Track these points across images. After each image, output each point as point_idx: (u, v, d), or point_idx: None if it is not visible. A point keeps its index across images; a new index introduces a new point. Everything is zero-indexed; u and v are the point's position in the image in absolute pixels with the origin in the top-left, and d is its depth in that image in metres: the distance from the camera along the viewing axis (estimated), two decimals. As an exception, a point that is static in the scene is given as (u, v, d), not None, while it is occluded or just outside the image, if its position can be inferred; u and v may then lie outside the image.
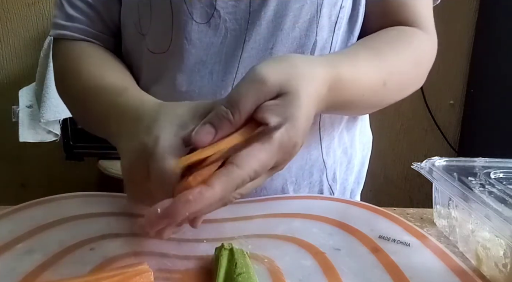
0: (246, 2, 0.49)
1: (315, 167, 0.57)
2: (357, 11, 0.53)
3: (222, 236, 0.43)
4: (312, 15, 0.50)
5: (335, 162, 0.59)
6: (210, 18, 0.50)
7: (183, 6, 0.49)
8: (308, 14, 0.50)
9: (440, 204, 0.49)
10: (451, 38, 1.65)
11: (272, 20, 0.49)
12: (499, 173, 0.47)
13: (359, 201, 0.52)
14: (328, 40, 0.52)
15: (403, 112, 1.74)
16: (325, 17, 0.51)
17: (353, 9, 0.53)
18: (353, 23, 0.54)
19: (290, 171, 0.55)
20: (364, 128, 0.64)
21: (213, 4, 0.49)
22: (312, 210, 0.49)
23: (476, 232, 0.41)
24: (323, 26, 0.51)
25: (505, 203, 0.39)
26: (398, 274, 0.37)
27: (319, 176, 0.57)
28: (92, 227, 0.44)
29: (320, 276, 0.37)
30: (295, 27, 0.50)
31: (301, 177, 0.56)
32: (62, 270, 0.37)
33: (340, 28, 0.52)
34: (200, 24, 0.50)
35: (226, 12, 0.49)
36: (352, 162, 0.61)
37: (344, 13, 0.52)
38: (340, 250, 0.41)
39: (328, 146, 0.57)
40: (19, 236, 0.42)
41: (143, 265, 0.35)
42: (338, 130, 0.58)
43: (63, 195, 0.51)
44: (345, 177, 0.61)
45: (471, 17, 1.65)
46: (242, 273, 0.34)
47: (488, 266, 0.39)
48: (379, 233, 0.44)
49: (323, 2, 0.50)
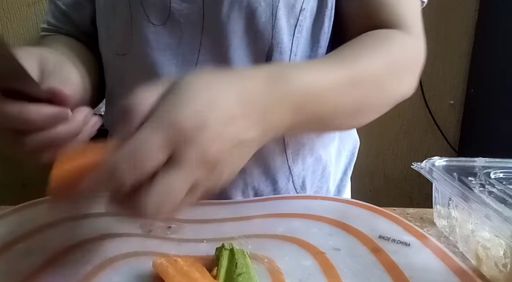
0: (199, 5, 0.48)
1: (280, 173, 0.56)
2: (322, 15, 0.51)
3: (222, 236, 0.43)
4: (267, 18, 0.48)
5: (304, 170, 0.57)
6: (166, 20, 0.49)
7: (140, 9, 0.49)
8: (262, 17, 0.48)
9: (440, 204, 0.49)
10: (451, 38, 1.65)
11: (226, 23, 0.48)
12: (499, 173, 0.47)
13: (359, 201, 0.52)
14: (288, 44, 0.50)
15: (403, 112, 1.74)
16: (283, 20, 0.49)
17: (318, 12, 0.51)
18: (318, 27, 0.52)
19: (252, 175, 0.55)
20: (347, 135, 0.63)
21: (168, 6, 0.49)
22: (312, 210, 0.49)
23: (476, 232, 0.41)
24: (280, 29, 0.49)
25: (505, 203, 0.39)
26: (398, 274, 0.37)
27: (285, 183, 0.56)
28: (92, 227, 0.44)
29: (320, 276, 0.37)
30: (249, 30, 0.49)
31: (263, 182, 0.55)
32: (62, 270, 0.37)
33: (301, 31, 0.51)
34: (157, 26, 0.50)
35: (181, 14, 0.49)
36: (327, 170, 0.60)
37: (306, 16, 0.50)
38: (340, 250, 0.41)
39: (295, 152, 0.56)
40: (19, 236, 0.42)
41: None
42: (308, 137, 0.56)
43: (63, 195, 0.51)
44: (319, 185, 0.60)
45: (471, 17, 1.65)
46: (243, 273, 0.34)
47: (488, 266, 0.39)
48: (379, 233, 0.44)
49: (279, 4, 0.48)
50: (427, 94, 1.68)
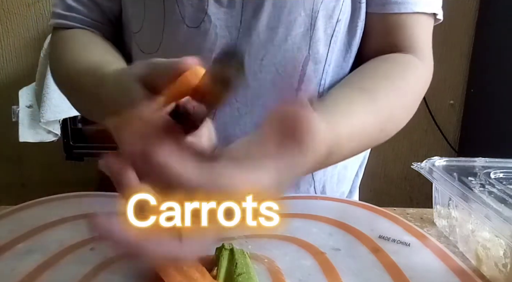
0: (238, 11, 0.48)
1: (303, 180, 0.56)
2: (355, 25, 0.52)
3: (222, 236, 0.43)
4: (306, 28, 0.49)
5: (325, 175, 0.58)
6: (200, 22, 0.49)
7: (176, 9, 0.48)
8: (301, 27, 0.48)
9: (440, 204, 0.49)
10: (451, 38, 1.65)
11: (264, 31, 0.48)
12: (499, 173, 0.47)
13: (359, 201, 0.52)
14: (323, 54, 0.51)
15: (403, 112, 1.74)
16: (321, 31, 0.49)
17: (351, 23, 0.52)
18: (351, 38, 0.52)
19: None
20: None
21: (205, 9, 0.48)
22: (312, 210, 0.49)
23: (476, 232, 0.41)
24: (318, 39, 0.49)
25: (505, 203, 0.39)
26: (398, 274, 0.37)
27: (307, 189, 0.57)
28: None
29: (320, 276, 0.37)
30: (287, 39, 0.49)
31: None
32: (62, 270, 0.37)
33: (336, 42, 0.51)
34: (190, 28, 0.49)
35: (217, 18, 0.48)
36: (344, 174, 0.60)
37: (341, 27, 0.51)
38: (340, 250, 0.41)
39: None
40: (19, 236, 0.42)
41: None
42: None
43: (63, 195, 0.51)
44: (336, 189, 0.60)
45: (471, 17, 1.65)
46: (243, 273, 0.34)
47: (488, 266, 0.39)
48: (379, 233, 0.44)
49: (318, 15, 0.48)
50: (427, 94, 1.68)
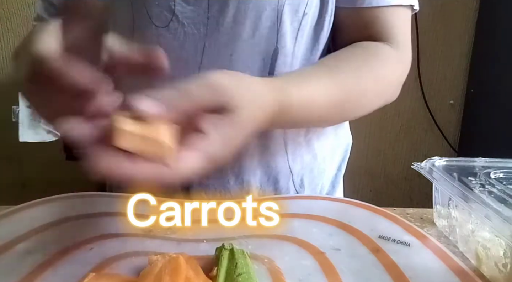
0: (205, 8, 0.48)
1: (281, 173, 0.57)
2: (323, 19, 0.52)
3: (222, 236, 0.43)
4: (273, 22, 0.49)
5: (303, 168, 0.58)
6: (169, 22, 0.49)
7: (143, 10, 0.49)
8: (268, 21, 0.49)
9: (440, 204, 0.49)
10: (451, 38, 1.65)
11: (231, 27, 0.49)
12: (499, 173, 0.47)
13: (359, 201, 0.52)
14: (290, 47, 0.51)
15: (403, 112, 1.74)
16: (287, 24, 0.50)
17: (319, 17, 0.52)
18: (318, 31, 0.53)
19: (255, 176, 0.55)
20: (340, 133, 0.64)
21: (172, 8, 0.48)
22: (312, 210, 0.49)
23: (476, 232, 0.41)
24: (284, 33, 0.50)
25: (505, 203, 0.39)
26: (398, 274, 0.37)
27: (286, 182, 0.57)
28: (92, 227, 0.44)
29: (320, 276, 0.37)
30: (254, 34, 0.49)
31: (265, 182, 0.56)
32: (62, 270, 0.37)
33: (302, 35, 0.52)
34: (159, 28, 0.49)
35: (185, 17, 0.49)
36: (323, 167, 0.61)
37: (308, 21, 0.51)
38: (340, 250, 0.41)
39: (294, 152, 0.57)
40: (19, 236, 0.42)
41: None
42: (305, 137, 0.57)
43: (63, 195, 0.51)
44: (316, 182, 0.61)
45: (471, 17, 1.65)
46: (243, 273, 0.34)
47: (488, 266, 0.39)
48: (379, 233, 0.44)
49: (284, 9, 0.49)
50: (427, 94, 1.68)
